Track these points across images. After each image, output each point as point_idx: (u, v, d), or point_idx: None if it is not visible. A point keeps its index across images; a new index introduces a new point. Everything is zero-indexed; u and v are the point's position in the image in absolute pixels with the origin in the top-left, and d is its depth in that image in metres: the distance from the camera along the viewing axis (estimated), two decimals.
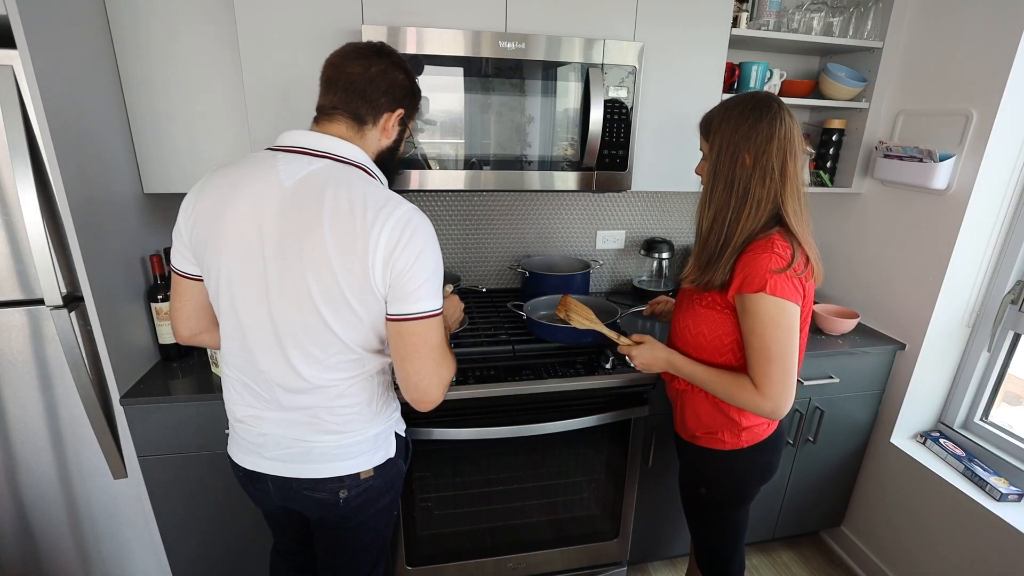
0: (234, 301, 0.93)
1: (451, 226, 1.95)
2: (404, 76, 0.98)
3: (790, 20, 1.71)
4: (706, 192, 1.11)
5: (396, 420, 1.11)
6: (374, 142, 0.98)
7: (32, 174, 1.10)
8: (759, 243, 1.04)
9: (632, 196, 2.05)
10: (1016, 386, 1.67)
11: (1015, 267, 1.58)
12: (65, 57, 1.17)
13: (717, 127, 1.08)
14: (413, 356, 0.93)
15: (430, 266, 0.91)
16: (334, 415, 0.99)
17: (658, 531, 1.80)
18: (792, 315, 1.03)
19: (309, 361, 0.94)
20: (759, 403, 1.06)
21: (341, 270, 0.87)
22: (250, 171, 0.91)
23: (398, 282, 0.89)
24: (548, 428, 1.44)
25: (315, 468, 1.01)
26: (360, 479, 1.03)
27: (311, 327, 0.91)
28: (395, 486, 1.12)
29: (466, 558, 1.62)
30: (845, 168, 1.91)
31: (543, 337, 1.56)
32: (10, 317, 1.23)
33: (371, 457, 1.04)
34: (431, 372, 0.95)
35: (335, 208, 0.86)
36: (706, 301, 1.13)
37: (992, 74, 1.45)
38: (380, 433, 1.05)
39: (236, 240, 0.90)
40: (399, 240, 0.87)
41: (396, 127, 1.00)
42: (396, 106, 0.98)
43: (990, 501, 1.52)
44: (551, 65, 1.43)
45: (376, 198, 0.88)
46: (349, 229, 0.86)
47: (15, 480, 1.35)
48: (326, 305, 0.89)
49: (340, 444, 1.01)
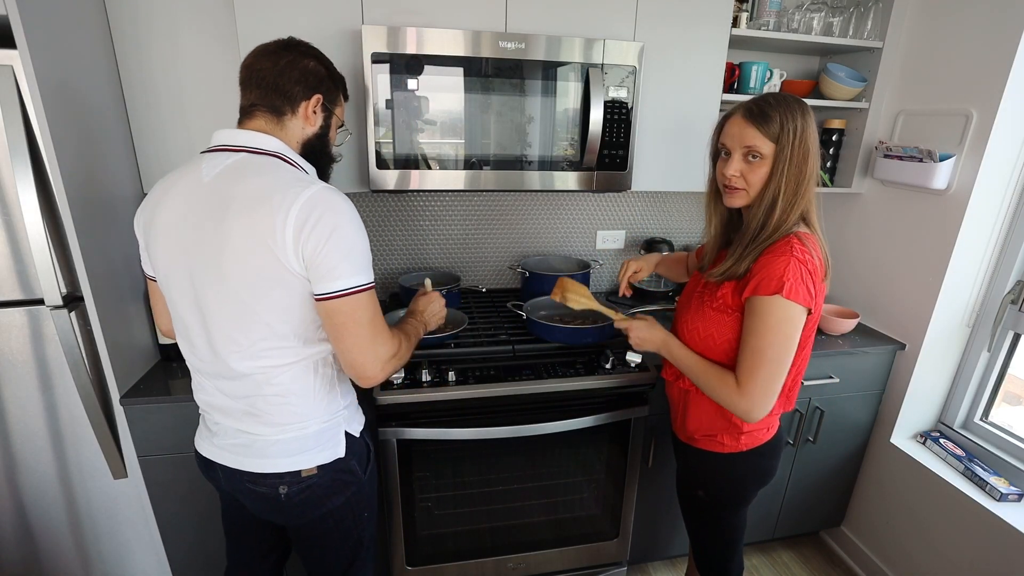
0: (171, 295, 0.99)
1: (451, 226, 1.95)
2: (316, 63, 1.00)
3: (790, 20, 1.71)
4: (768, 189, 1.05)
5: (346, 418, 1.08)
6: (297, 131, 1.00)
7: (32, 174, 1.10)
8: (780, 244, 1.03)
9: (632, 196, 2.05)
10: (1016, 386, 1.67)
11: (1015, 267, 1.58)
12: (65, 57, 1.17)
13: (785, 121, 1.01)
14: (342, 333, 0.94)
15: (347, 241, 0.90)
16: (269, 405, 0.99)
17: (658, 531, 1.80)
18: (797, 322, 1.02)
19: (235, 348, 0.95)
20: (736, 401, 1.06)
21: (250, 253, 0.88)
22: (179, 173, 0.97)
23: (314, 261, 0.89)
24: (548, 428, 1.44)
25: (256, 462, 1.01)
26: (301, 477, 1.02)
27: (234, 314, 0.93)
28: (350, 487, 1.08)
29: (466, 558, 1.62)
30: (845, 168, 1.91)
31: (543, 337, 1.56)
32: (10, 317, 1.23)
33: (313, 455, 1.02)
34: (365, 348, 0.95)
35: (244, 195, 0.89)
36: (717, 304, 1.11)
37: (992, 74, 1.45)
38: (323, 430, 1.03)
39: (165, 238, 0.96)
40: (307, 219, 0.87)
41: (319, 113, 1.01)
42: (311, 93, 0.99)
43: (990, 501, 1.52)
44: (551, 65, 1.43)
45: (285, 180, 0.90)
46: (257, 212, 0.87)
47: (15, 480, 1.35)
48: (246, 290, 0.91)
49: (280, 439, 1.01)
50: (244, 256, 0.88)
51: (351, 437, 1.08)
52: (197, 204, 0.92)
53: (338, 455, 1.05)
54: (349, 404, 1.10)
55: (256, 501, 1.06)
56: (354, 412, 1.12)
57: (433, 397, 1.37)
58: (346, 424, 1.08)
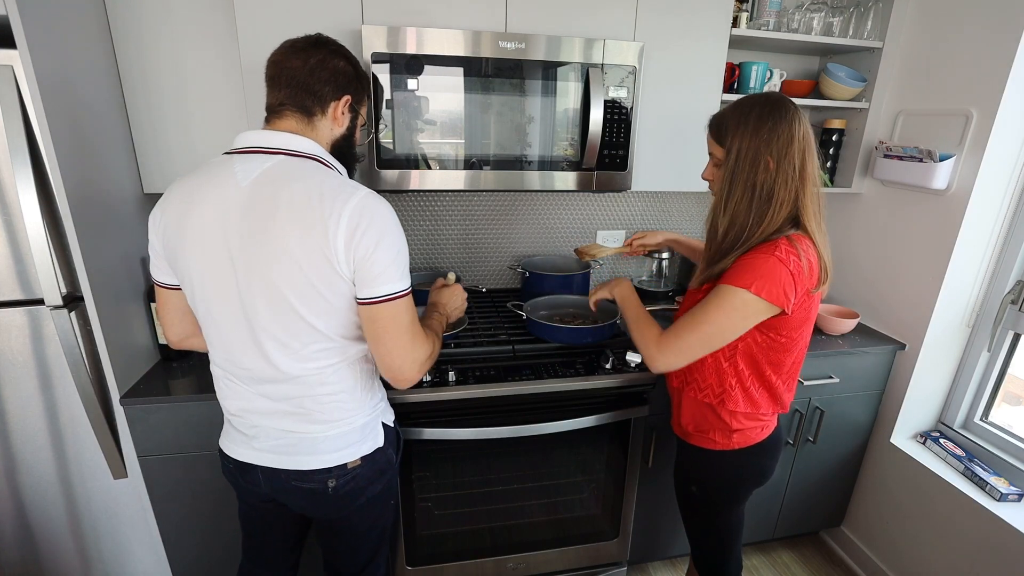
0: (208, 304, 0.97)
1: (451, 226, 1.95)
2: (345, 62, 0.99)
3: (790, 20, 1.71)
4: (721, 197, 1.08)
5: (383, 410, 1.13)
6: (327, 132, 1.00)
7: (32, 174, 1.10)
8: (766, 245, 1.03)
9: (632, 196, 2.05)
10: (1016, 386, 1.67)
11: (1015, 267, 1.58)
12: (65, 57, 1.17)
13: (734, 130, 1.05)
14: (384, 337, 0.95)
15: (393, 248, 0.92)
16: (319, 404, 1.00)
17: (658, 531, 1.80)
18: (750, 316, 1.03)
19: (286, 353, 0.96)
20: (650, 348, 1.11)
21: (305, 260, 0.88)
22: (208, 177, 0.93)
23: (362, 266, 0.90)
24: (548, 428, 1.44)
25: (305, 459, 1.03)
26: (347, 468, 1.05)
27: (284, 320, 0.93)
28: (385, 475, 1.13)
29: (466, 558, 1.62)
30: (845, 168, 1.91)
31: (543, 337, 1.56)
32: (10, 317, 1.23)
33: (359, 447, 1.06)
34: (404, 351, 0.97)
35: (291, 200, 0.88)
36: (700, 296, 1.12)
37: (992, 74, 1.45)
38: (367, 423, 1.07)
39: (202, 245, 0.93)
40: (358, 225, 0.88)
41: (346, 114, 1.01)
42: (341, 93, 0.99)
43: (990, 501, 1.52)
44: (551, 65, 1.43)
45: (331, 186, 0.90)
46: (308, 219, 0.87)
47: (15, 480, 1.35)
48: (296, 296, 0.91)
49: (328, 435, 1.03)
50: (298, 262, 0.88)
51: (387, 427, 1.12)
52: (239, 211, 0.89)
53: (379, 445, 1.09)
54: (384, 396, 1.15)
55: (301, 498, 1.07)
56: (386, 404, 1.16)
57: (433, 397, 1.37)
58: (382, 416, 1.12)
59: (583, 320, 1.65)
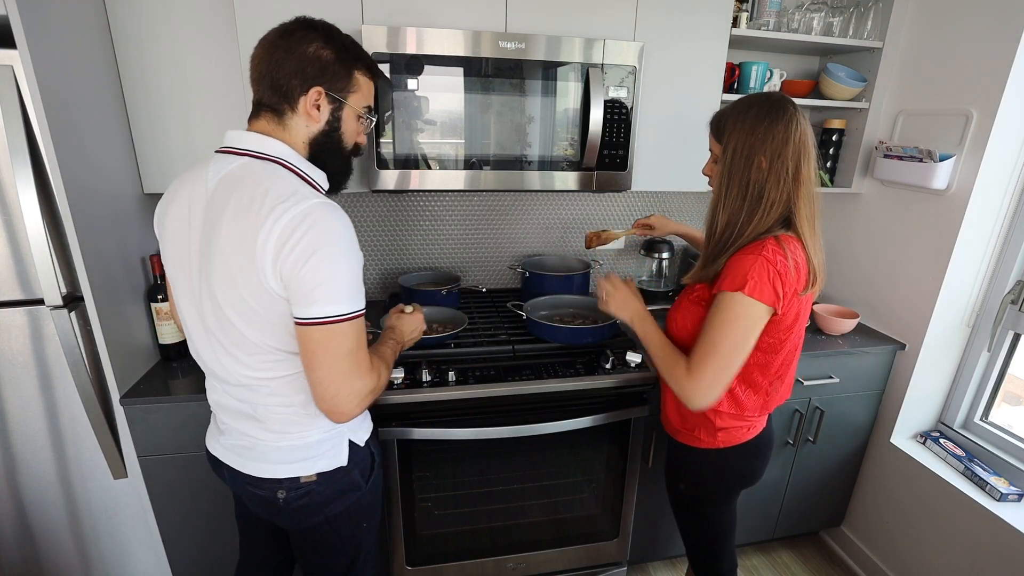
0: (177, 301, 0.98)
1: (451, 226, 1.95)
2: (319, 46, 0.88)
3: (790, 20, 1.71)
4: (719, 194, 1.08)
5: (351, 427, 1.04)
6: (302, 130, 0.92)
7: (32, 174, 1.10)
8: (753, 245, 1.04)
9: (632, 196, 2.05)
10: (1016, 386, 1.67)
11: (1015, 267, 1.58)
12: (65, 57, 1.17)
13: (731, 128, 1.05)
14: (314, 363, 0.86)
15: (328, 266, 0.83)
16: (270, 413, 0.97)
17: (658, 531, 1.80)
18: (756, 319, 1.02)
19: (234, 360, 0.94)
20: (684, 385, 1.07)
21: (239, 271, 0.84)
22: (190, 174, 0.94)
23: (291, 283, 0.83)
24: (548, 428, 1.44)
25: (256, 466, 1.00)
26: (300, 483, 1.00)
27: (226, 329, 0.91)
28: (348, 496, 1.05)
29: (466, 558, 1.62)
30: (845, 168, 1.91)
31: (543, 337, 1.56)
32: (10, 317, 1.23)
33: (312, 463, 0.99)
34: (338, 382, 0.87)
35: (237, 206, 0.84)
36: (693, 296, 1.14)
37: (992, 74, 1.45)
38: (325, 440, 1.00)
39: (174, 243, 0.94)
40: (289, 237, 0.81)
41: (324, 107, 0.91)
42: (309, 85, 0.89)
43: (990, 501, 1.52)
44: (551, 65, 1.43)
45: (277, 193, 0.83)
46: (245, 227, 0.83)
47: (15, 480, 1.35)
48: (231, 308, 0.88)
49: (279, 445, 0.99)
50: (232, 273, 0.85)
51: (355, 446, 1.05)
52: (201, 212, 0.89)
53: (339, 464, 1.02)
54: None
55: (256, 503, 1.06)
56: (360, 421, 1.08)
57: (433, 397, 1.37)
58: (351, 433, 1.05)
59: (583, 320, 1.65)
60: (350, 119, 0.96)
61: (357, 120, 0.97)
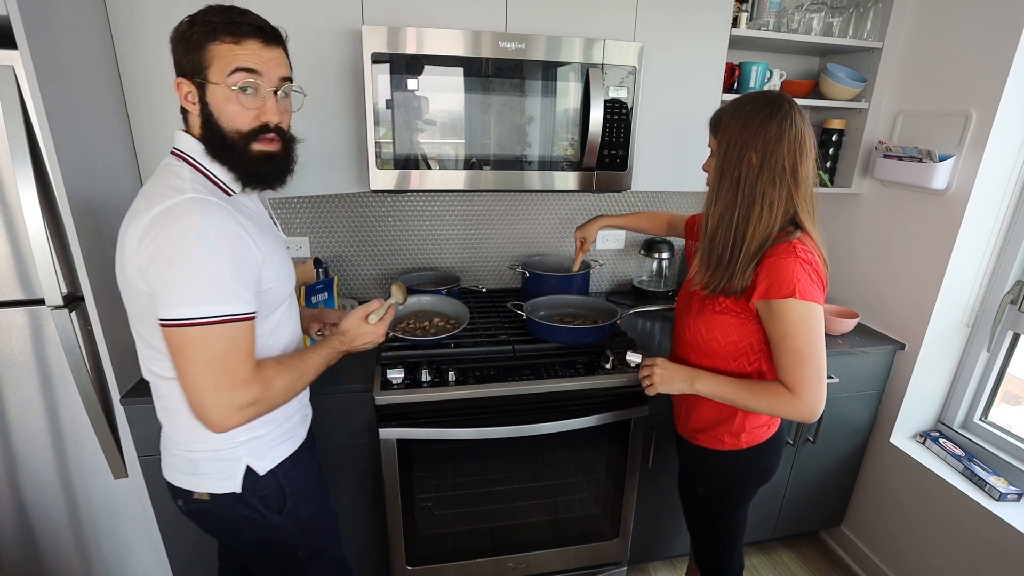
0: None
1: (451, 226, 1.96)
2: (178, 35, 0.87)
3: (790, 20, 1.71)
4: (712, 190, 1.09)
5: (249, 451, 0.95)
6: (194, 120, 0.90)
7: (32, 174, 1.10)
8: (781, 247, 1.03)
9: (632, 196, 2.05)
10: (1015, 386, 1.67)
11: (1015, 267, 1.58)
12: (65, 57, 1.17)
13: (727, 124, 1.06)
14: (177, 370, 0.83)
15: (175, 265, 0.79)
16: (165, 416, 0.97)
17: (658, 531, 1.80)
18: (819, 316, 1.02)
19: (140, 354, 0.95)
20: (796, 405, 1.04)
21: (122, 266, 0.86)
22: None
23: (146, 281, 0.82)
24: (548, 428, 1.44)
25: (165, 468, 1.01)
26: (194, 498, 0.96)
27: (132, 320, 0.93)
28: (259, 527, 0.98)
29: (466, 558, 1.62)
30: (845, 168, 1.91)
31: (543, 337, 1.56)
32: (11, 317, 1.23)
33: (202, 480, 0.94)
34: (201, 391, 0.82)
35: (134, 204, 0.87)
36: (720, 306, 1.11)
37: (991, 74, 1.45)
38: (212, 460, 0.94)
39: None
40: (146, 234, 0.80)
41: (192, 96, 0.87)
42: (177, 72, 0.88)
43: (990, 501, 1.52)
44: (551, 65, 1.43)
45: (153, 189, 0.85)
46: (126, 224, 0.86)
47: (15, 480, 1.35)
48: (125, 297, 0.90)
49: (173, 452, 0.97)
50: (123, 266, 0.86)
51: (253, 474, 0.95)
52: None
53: (232, 489, 0.94)
54: (256, 437, 0.96)
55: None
56: (265, 447, 0.97)
57: (433, 397, 1.37)
58: (249, 459, 0.95)
59: (583, 320, 1.65)
60: (216, 96, 0.86)
61: (230, 93, 0.85)
